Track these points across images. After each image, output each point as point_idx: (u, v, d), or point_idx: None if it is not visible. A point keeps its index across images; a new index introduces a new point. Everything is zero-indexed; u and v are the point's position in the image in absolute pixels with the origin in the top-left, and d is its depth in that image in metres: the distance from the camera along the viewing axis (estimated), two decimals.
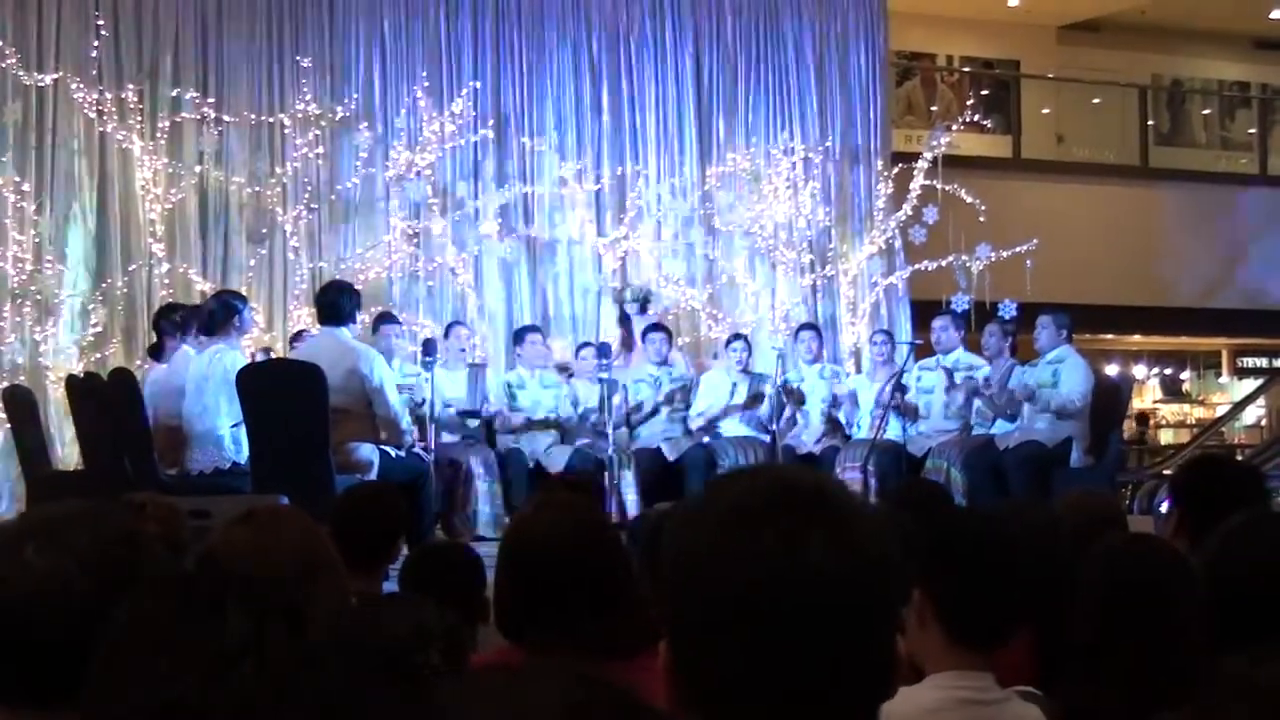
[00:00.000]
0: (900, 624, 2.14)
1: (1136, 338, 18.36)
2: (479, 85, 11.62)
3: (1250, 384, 18.38)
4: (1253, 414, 18.07)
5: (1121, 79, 16.78)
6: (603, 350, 9.99)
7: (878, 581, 1.41)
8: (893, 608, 1.46)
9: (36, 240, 10.42)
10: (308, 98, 11.08)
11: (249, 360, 8.40)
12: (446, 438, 9.44)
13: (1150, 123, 17.12)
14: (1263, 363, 19.62)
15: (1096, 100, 17.23)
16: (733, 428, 10.29)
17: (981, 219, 11.97)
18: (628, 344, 11.14)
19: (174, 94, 10.83)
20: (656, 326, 10.69)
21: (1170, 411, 19.95)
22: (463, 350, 10.13)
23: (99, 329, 10.46)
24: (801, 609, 1.37)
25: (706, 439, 10.22)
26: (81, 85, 10.55)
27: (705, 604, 1.40)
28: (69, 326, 10.46)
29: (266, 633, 1.42)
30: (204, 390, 7.66)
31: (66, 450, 9.98)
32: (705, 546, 1.41)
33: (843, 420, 10.30)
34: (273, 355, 9.93)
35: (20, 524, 1.94)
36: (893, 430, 9.85)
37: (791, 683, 1.37)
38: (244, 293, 9.52)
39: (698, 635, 1.41)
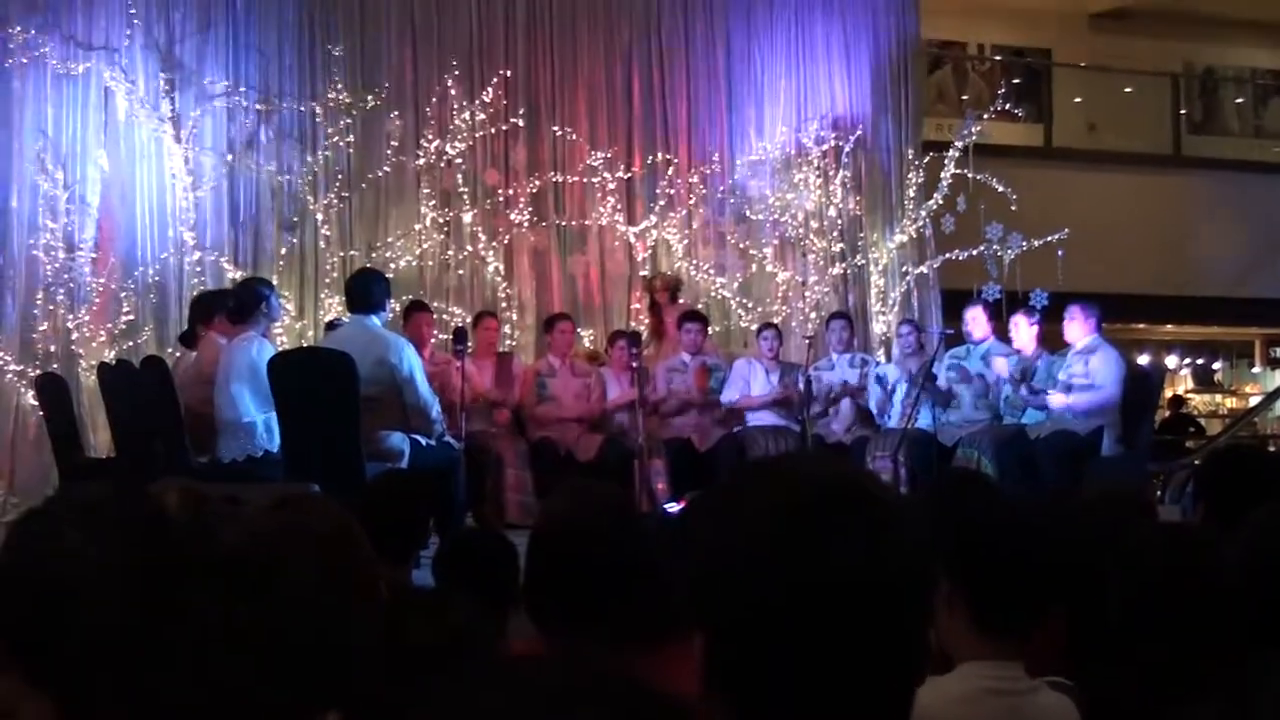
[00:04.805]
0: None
1: (1169, 327, 18.22)
2: (510, 74, 11.63)
3: None
4: None
5: (1153, 67, 16.67)
6: (634, 339, 9.99)
7: (914, 580, 1.44)
8: (926, 603, 1.49)
9: (69, 229, 10.46)
10: (339, 86, 11.10)
11: (279, 348, 8.41)
12: (477, 426, 9.45)
13: (1182, 111, 17.01)
14: None
15: (1128, 89, 17.12)
16: (762, 416, 10.27)
17: (1013, 208, 11.92)
18: (658, 332, 11.13)
19: (205, 82, 10.87)
20: (693, 315, 10.68)
21: (1202, 401, 19.80)
22: (491, 340, 10.15)
23: (131, 317, 10.50)
24: (840, 609, 1.39)
25: (737, 428, 10.21)
26: (113, 73, 10.59)
27: (743, 602, 1.41)
28: (101, 315, 10.50)
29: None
30: (234, 378, 7.65)
31: (99, 438, 10.03)
32: (745, 547, 1.42)
33: (873, 409, 10.25)
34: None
35: (54, 508, 1.94)
36: (923, 420, 9.82)
37: (826, 675, 1.40)
38: (274, 281, 9.53)
39: (734, 630, 1.42)
